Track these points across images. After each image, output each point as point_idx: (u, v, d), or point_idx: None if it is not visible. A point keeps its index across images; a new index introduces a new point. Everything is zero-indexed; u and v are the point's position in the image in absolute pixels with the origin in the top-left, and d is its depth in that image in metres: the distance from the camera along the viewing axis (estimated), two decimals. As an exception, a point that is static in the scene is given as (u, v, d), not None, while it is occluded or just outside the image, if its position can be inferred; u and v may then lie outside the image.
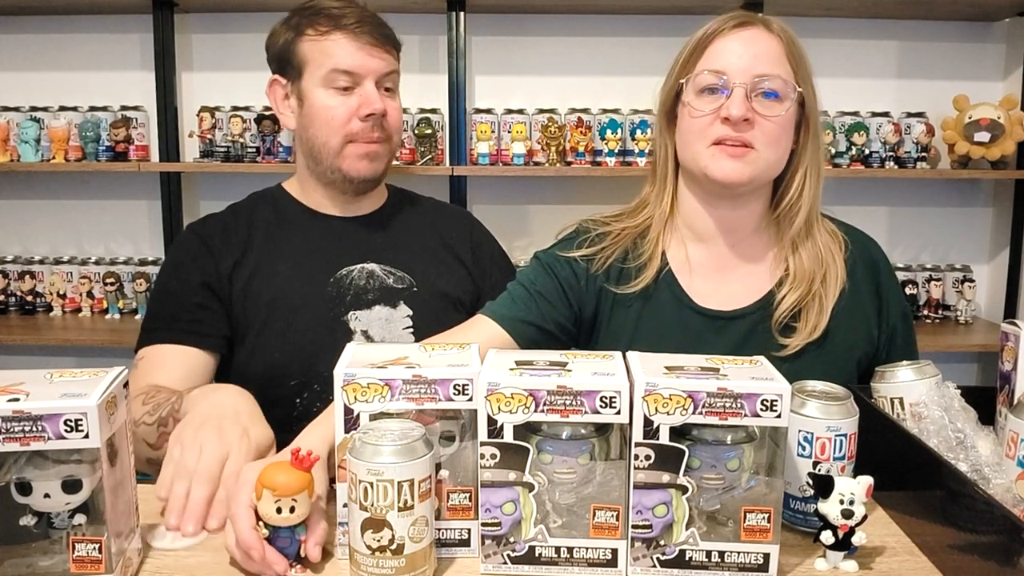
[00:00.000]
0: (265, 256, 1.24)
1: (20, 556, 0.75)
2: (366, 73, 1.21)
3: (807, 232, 1.10)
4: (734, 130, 1.02)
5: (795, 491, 0.87)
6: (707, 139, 1.04)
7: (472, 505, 0.81)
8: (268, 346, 1.19)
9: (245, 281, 1.22)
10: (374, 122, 1.21)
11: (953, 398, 0.93)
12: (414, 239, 1.31)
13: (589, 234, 1.17)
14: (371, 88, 1.21)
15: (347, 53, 1.20)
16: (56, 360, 2.36)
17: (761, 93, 1.02)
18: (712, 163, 1.04)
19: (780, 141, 1.05)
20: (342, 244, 1.26)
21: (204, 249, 1.24)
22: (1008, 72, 2.37)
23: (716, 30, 1.05)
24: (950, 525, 0.80)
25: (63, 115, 2.25)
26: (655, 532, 0.77)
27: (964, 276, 2.38)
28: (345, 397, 0.78)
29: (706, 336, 1.11)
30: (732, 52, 1.03)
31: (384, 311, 1.23)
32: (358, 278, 1.24)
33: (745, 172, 1.03)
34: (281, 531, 0.78)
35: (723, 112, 1.02)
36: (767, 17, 1.07)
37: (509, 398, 0.76)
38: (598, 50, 2.36)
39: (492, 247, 1.40)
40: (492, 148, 2.23)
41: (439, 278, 1.28)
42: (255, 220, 1.28)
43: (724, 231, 1.12)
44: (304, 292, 1.21)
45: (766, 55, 1.03)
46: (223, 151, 2.23)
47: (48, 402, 0.71)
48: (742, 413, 0.74)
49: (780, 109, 1.03)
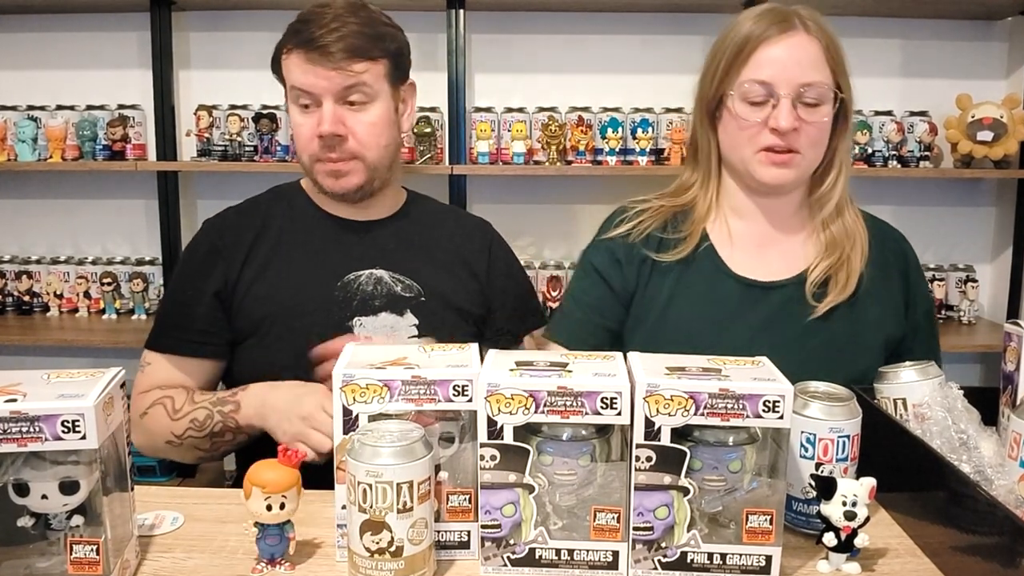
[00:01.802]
0: (275, 256, 1.24)
1: (18, 557, 0.75)
2: (320, 92, 1.17)
3: (838, 212, 1.17)
4: (782, 140, 1.08)
5: (797, 493, 0.86)
6: (756, 146, 1.10)
7: (472, 507, 0.81)
8: (273, 347, 1.19)
9: (253, 280, 1.22)
10: (329, 143, 1.18)
11: (956, 399, 0.93)
12: (427, 248, 1.30)
13: (627, 212, 1.22)
14: (327, 108, 1.17)
15: (302, 72, 1.17)
16: (53, 360, 2.36)
17: (805, 101, 1.07)
18: (761, 168, 1.11)
19: (822, 142, 1.12)
20: (352, 248, 1.25)
21: (216, 255, 1.24)
22: (1011, 71, 2.36)
23: (760, 36, 1.08)
24: (953, 527, 0.79)
25: (60, 114, 2.24)
26: (656, 534, 0.77)
27: (967, 276, 2.38)
28: (344, 398, 0.78)
29: (743, 305, 1.14)
30: (777, 62, 1.07)
31: (390, 318, 1.22)
32: (366, 284, 1.23)
33: (791, 175, 1.11)
34: (270, 528, 0.78)
35: (771, 123, 1.07)
36: (802, 12, 1.10)
37: (509, 399, 0.75)
38: (599, 48, 2.36)
39: (508, 262, 1.38)
40: (492, 147, 2.22)
41: (448, 289, 1.27)
42: (270, 218, 1.28)
43: (766, 213, 1.18)
44: (311, 295, 1.21)
45: (809, 62, 1.07)
46: (221, 150, 2.23)
47: (45, 403, 0.70)
48: (744, 414, 0.74)
49: (823, 114, 1.09)
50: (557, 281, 2.35)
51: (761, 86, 1.07)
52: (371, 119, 1.20)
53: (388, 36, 1.22)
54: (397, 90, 1.25)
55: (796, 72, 1.06)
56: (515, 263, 1.41)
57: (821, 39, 1.09)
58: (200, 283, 1.23)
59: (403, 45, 1.26)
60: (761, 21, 1.09)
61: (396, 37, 1.24)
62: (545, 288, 2.37)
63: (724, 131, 1.14)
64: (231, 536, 0.86)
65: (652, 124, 2.23)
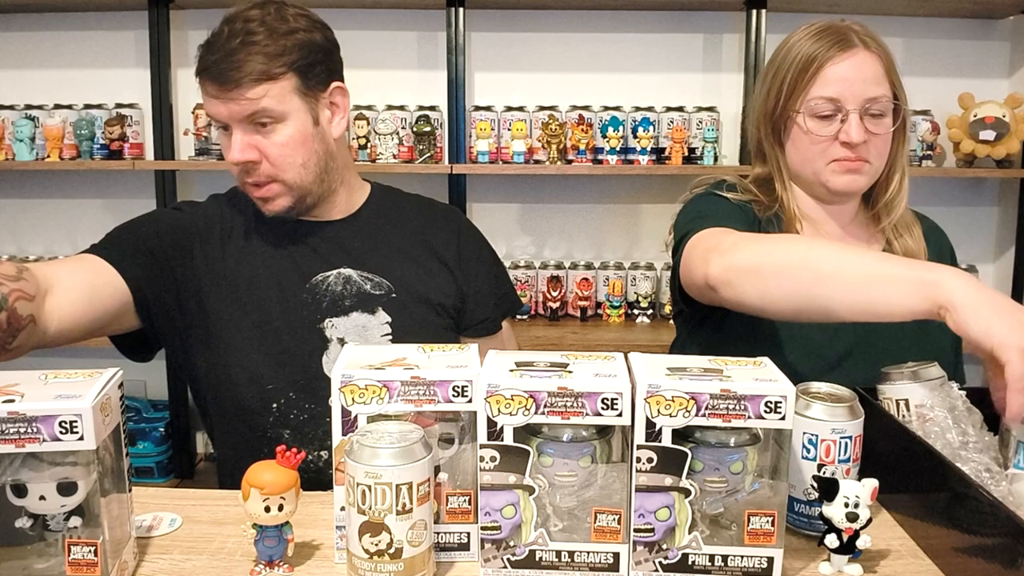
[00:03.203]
0: (241, 257, 1.21)
1: (16, 559, 0.75)
2: (225, 119, 1.13)
3: (902, 219, 1.24)
4: (853, 151, 1.14)
5: (799, 494, 0.86)
6: (827, 158, 1.16)
7: (471, 508, 0.80)
8: (243, 350, 1.17)
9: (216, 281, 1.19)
10: (244, 169, 1.15)
11: (958, 399, 0.93)
12: (394, 243, 1.27)
13: (735, 187, 1.24)
14: (236, 136, 1.13)
15: (207, 100, 1.13)
16: (51, 361, 2.33)
17: (871, 113, 1.13)
18: (833, 177, 1.17)
19: (887, 151, 1.18)
20: (318, 249, 1.22)
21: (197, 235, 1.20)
22: (1013, 70, 2.36)
23: (825, 55, 1.14)
24: (955, 528, 0.79)
25: (58, 113, 2.24)
26: (657, 536, 0.76)
27: (967, 275, 2.37)
28: (343, 399, 0.77)
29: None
30: (843, 79, 1.13)
31: (361, 318, 1.20)
32: (334, 284, 1.20)
33: (861, 182, 1.17)
34: (268, 530, 0.78)
35: (842, 137, 1.13)
36: (860, 30, 1.15)
37: (509, 400, 0.75)
38: (599, 46, 2.35)
39: (479, 247, 1.35)
40: (492, 146, 2.22)
41: (419, 282, 1.24)
42: (235, 219, 1.24)
43: (834, 217, 1.24)
44: (279, 298, 1.18)
45: (873, 78, 1.14)
46: (219, 149, 2.22)
47: (43, 403, 0.70)
48: (746, 415, 0.74)
49: (887, 125, 1.15)
50: (557, 281, 2.34)
51: (830, 102, 1.13)
52: (282, 140, 1.13)
53: (294, 47, 1.11)
54: (314, 99, 1.15)
55: (862, 88, 1.13)
56: (486, 248, 1.36)
57: (880, 54, 1.15)
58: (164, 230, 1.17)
59: (317, 50, 1.14)
60: (822, 40, 1.14)
61: (307, 44, 1.13)
62: (545, 288, 2.36)
63: (793, 145, 1.19)
64: (229, 538, 0.86)
65: (653, 123, 2.23)
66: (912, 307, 0.83)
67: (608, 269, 2.41)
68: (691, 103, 2.32)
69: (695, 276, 1.05)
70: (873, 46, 1.15)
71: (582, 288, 2.34)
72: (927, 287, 0.82)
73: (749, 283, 0.95)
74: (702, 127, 2.27)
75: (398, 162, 2.20)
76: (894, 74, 1.17)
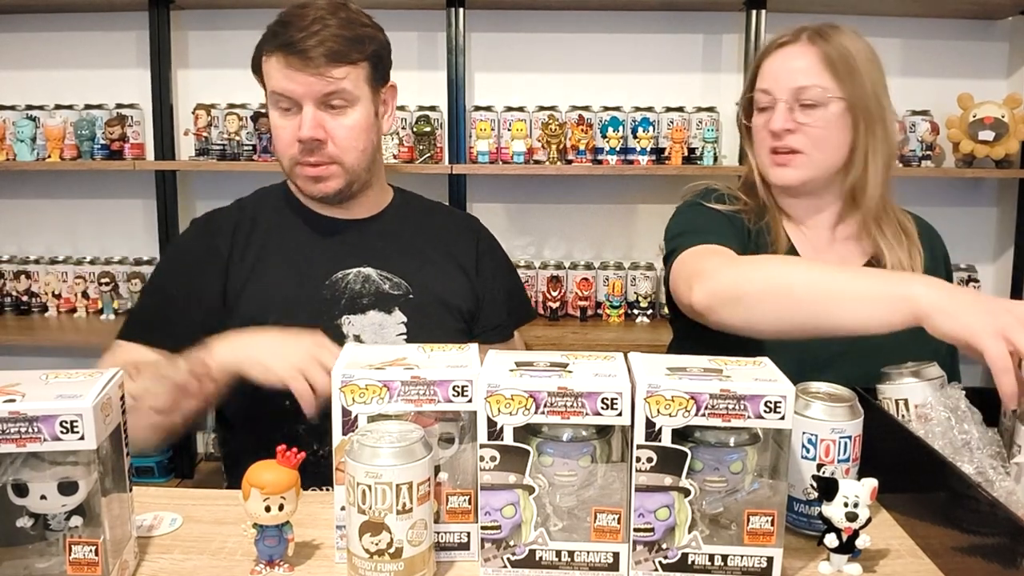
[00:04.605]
0: (263, 255, 1.24)
1: (17, 558, 0.75)
2: (300, 96, 1.16)
3: (883, 211, 1.23)
4: (780, 140, 1.16)
5: (799, 494, 0.86)
6: (765, 149, 1.19)
7: (471, 508, 0.81)
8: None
9: (245, 282, 1.21)
10: (309, 147, 1.17)
11: (958, 399, 0.93)
12: (415, 245, 1.30)
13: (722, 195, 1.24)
14: (308, 112, 1.16)
15: (282, 76, 1.15)
16: (52, 361, 2.35)
17: (801, 104, 1.15)
18: (770, 170, 1.20)
19: (828, 142, 1.16)
20: (339, 247, 1.25)
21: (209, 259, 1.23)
22: (1012, 70, 2.36)
23: (764, 51, 1.21)
24: (954, 528, 0.79)
25: (59, 113, 2.24)
26: (657, 535, 0.77)
27: (968, 276, 2.37)
28: (343, 398, 0.78)
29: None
30: (774, 71, 1.18)
31: (378, 316, 1.21)
32: (353, 282, 1.23)
33: (796, 175, 1.17)
34: (269, 530, 0.78)
35: (769, 126, 1.16)
36: (820, 28, 1.17)
37: (509, 399, 0.75)
38: (599, 47, 2.35)
39: (497, 257, 1.38)
40: (492, 146, 2.22)
41: (437, 285, 1.26)
42: (257, 219, 1.27)
43: (814, 215, 1.24)
44: (298, 294, 1.21)
45: (803, 69, 1.15)
46: (219, 149, 2.22)
47: (44, 403, 0.70)
48: (745, 415, 0.74)
49: (821, 115, 1.14)
50: (557, 281, 2.34)
51: (765, 94, 1.17)
52: (351, 123, 1.18)
53: (368, 38, 1.19)
54: (377, 93, 1.23)
55: (789, 78, 1.15)
56: (504, 258, 1.40)
57: (821, 47, 1.15)
58: (192, 284, 1.21)
59: (383, 47, 1.23)
60: (773, 39, 1.19)
61: (376, 39, 1.21)
62: (545, 288, 2.36)
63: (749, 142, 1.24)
64: (230, 537, 0.86)
65: (653, 123, 2.23)
66: (889, 322, 0.87)
67: (608, 269, 2.41)
68: (691, 103, 2.32)
69: (681, 300, 1.09)
70: (818, 41, 1.15)
71: (582, 288, 2.34)
72: (900, 302, 0.86)
73: (732, 310, 0.99)
74: (702, 127, 2.27)
75: (398, 162, 2.20)
76: (844, 69, 1.13)
